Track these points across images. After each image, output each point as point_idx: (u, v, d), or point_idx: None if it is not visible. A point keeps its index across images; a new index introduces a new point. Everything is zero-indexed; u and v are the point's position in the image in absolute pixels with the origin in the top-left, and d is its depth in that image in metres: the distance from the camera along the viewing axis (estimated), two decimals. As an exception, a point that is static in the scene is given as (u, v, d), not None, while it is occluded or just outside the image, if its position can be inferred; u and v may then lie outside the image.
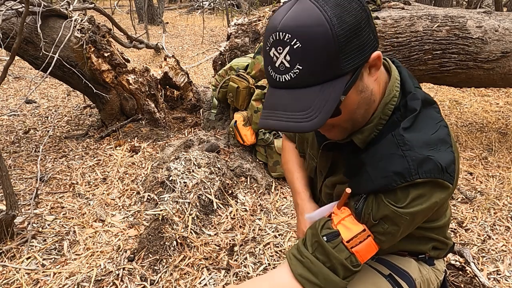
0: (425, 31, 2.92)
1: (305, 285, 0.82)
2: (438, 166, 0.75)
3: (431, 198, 0.77)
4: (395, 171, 0.76)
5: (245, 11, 10.26)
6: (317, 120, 0.69)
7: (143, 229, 2.06)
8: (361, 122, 0.82)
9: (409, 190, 0.76)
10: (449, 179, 0.77)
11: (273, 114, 0.72)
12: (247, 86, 2.77)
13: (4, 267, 1.84)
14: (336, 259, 0.81)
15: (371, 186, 0.79)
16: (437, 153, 0.76)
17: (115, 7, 11.06)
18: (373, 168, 0.79)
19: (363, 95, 0.77)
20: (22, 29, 2.55)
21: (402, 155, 0.76)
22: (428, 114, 0.82)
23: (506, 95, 4.34)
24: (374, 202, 0.80)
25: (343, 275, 0.82)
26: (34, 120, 3.86)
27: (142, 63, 6.15)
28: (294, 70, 0.69)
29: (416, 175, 0.75)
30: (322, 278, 0.82)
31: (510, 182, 2.52)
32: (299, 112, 0.69)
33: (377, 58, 0.74)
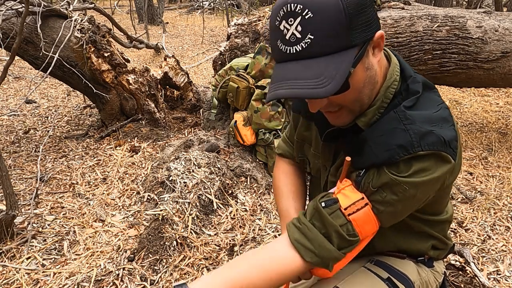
0: (425, 31, 2.92)
1: (300, 250, 0.83)
2: (441, 139, 0.76)
3: (434, 172, 0.77)
4: (397, 144, 0.77)
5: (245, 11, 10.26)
6: (331, 87, 0.70)
7: (143, 229, 2.06)
8: (367, 103, 0.83)
9: (411, 163, 0.77)
10: (452, 154, 0.78)
11: (284, 84, 0.72)
12: (247, 86, 2.77)
13: (4, 267, 1.84)
14: (331, 225, 0.81)
15: (374, 160, 0.80)
16: (439, 129, 0.78)
17: (115, 7, 11.06)
18: (375, 143, 0.80)
19: (369, 73, 0.79)
20: (22, 29, 2.55)
21: (404, 129, 0.78)
22: (429, 97, 0.85)
23: (506, 95, 4.34)
24: (375, 173, 0.80)
25: (337, 243, 0.81)
26: (34, 120, 3.86)
27: (142, 63, 6.15)
28: (305, 40, 0.70)
29: (419, 148, 0.75)
30: (317, 244, 0.82)
31: (510, 182, 2.52)
32: (311, 80, 0.70)
33: (381, 37, 0.77)
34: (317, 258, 0.82)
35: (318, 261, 0.82)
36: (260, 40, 3.21)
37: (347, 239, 0.81)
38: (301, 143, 1.08)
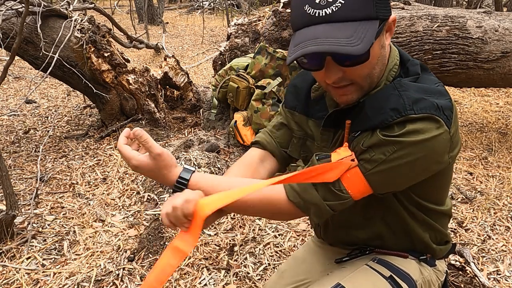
0: (425, 31, 2.92)
1: (286, 189, 0.87)
2: (434, 104, 0.78)
3: (425, 134, 0.77)
4: (391, 107, 0.79)
5: (245, 11, 10.26)
6: (362, 46, 0.73)
7: (143, 229, 2.06)
8: (375, 82, 0.85)
9: (405, 125, 0.78)
10: (446, 120, 0.79)
11: (312, 42, 0.74)
12: (247, 86, 2.77)
13: (4, 267, 1.84)
14: None
15: (368, 123, 0.82)
16: (433, 98, 0.80)
17: (115, 7, 11.06)
18: (371, 108, 0.83)
19: (382, 52, 0.83)
20: (22, 29, 2.55)
21: (398, 95, 0.81)
22: (428, 77, 0.88)
23: (506, 95, 4.34)
24: (368, 134, 0.82)
25: (322, 193, 0.84)
26: (34, 120, 3.86)
27: (142, 63, 6.15)
28: (336, 4, 0.73)
29: (411, 111, 0.78)
30: (302, 187, 0.85)
31: (510, 182, 2.52)
32: (342, 39, 0.73)
33: (394, 21, 0.82)
34: (300, 199, 0.85)
35: (300, 202, 0.85)
36: (260, 40, 3.21)
37: (334, 191, 0.83)
38: (303, 139, 1.06)
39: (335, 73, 0.80)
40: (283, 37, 3.17)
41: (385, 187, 0.85)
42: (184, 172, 0.87)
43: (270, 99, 2.69)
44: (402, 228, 0.97)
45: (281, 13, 3.19)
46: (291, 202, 0.86)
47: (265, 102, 2.68)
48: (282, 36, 3.17)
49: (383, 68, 0.86)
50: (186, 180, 0.86)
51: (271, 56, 2.75)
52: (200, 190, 0.85)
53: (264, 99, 2.69)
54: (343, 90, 0.84)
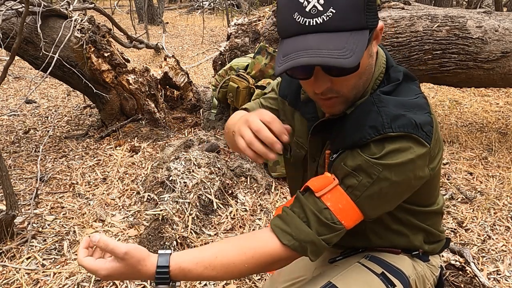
0: (425, 31, 2.92)
1: (278, 234, 0.82)
2: (412, 122, 0.77)
3: (407, 154, 0.77)
4: (369, 124, 0.79)
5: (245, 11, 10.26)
6: (353, 59, 0.71)
7: (143, 229, 2.06)
8: (360, 92, 0.84)
9: (383, 144, 0.77)
10: (425, 138, 0.78)
11: (304, 53, 0.72)
12: (247, 86, 2.77)
13: (4, 267, 1.84)
14: (309, 209, 0.81)
15: (347, 141, 0.81)
16: (412, 114, 0.79)
17: (115, 7, 11.06)
18: (350, 125, 0.82)
19: (370, 61, 0.81)
20: (22, 29, 2.55)
21: (377, 111, 0.80)
22: (409, 87, 0.86)
23: (506, 95, 4.34)
24: (349, 154, 0.81)
25: (316, 228, 0.80)
26: (34, 120, 3.86)
27: (142, 63, 6.15)
28: (327, 13, 0.71)
29: (389, 129, 0.77)
30: (294, 226, 0.81)
31: (510, 182, 2.52)
32: (334, 50, 0.71)
33: (381, 29, 0.80)
34: (294, 241, 0.81)
35: (295, 244, 0.81)
36: (260, 40, 3.21)
37: (327, 223, 0.80)
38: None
39: (324, 83, 0.79)
40: (283, 37, 3.17)
41: (375, 211, 0.84)
42: (161, 259, 0.79)
43: (270, 99, 2.68)
44: (391, 235, 0.97)
45: (281, 13, 3.19)
46: (285, 246, 0.81)
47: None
48: (282, 36, 3.17)
49: (370, 77, 0.85)
50: (167, 268, 0.78)
51: (271, 56, 2.75)
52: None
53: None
54: (330, 102, 0.83)
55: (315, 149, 0.97)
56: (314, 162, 0.98)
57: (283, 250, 0.82)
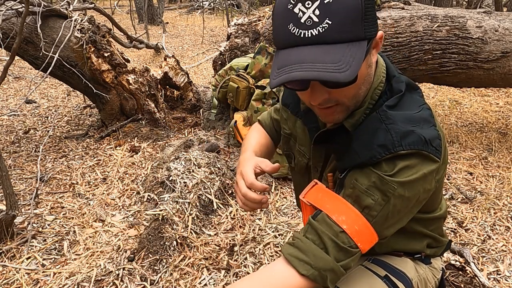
0: (425, 31, 2.92)
1: (294, 263, 0.79)
2: (422, 138, 0.76)
3: (420, 170, 0.76)
4: (379, 143, 0.77)
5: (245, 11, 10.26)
6: (350, 73, 0.68)
7: (143, 229, 2.06)
8: (359, 101, 0.83)
9: (395, 162, 0.76)
10: (435, 153, 0.77)
11: (298, 67, 0.70)
12: (247, 86, 2.77)
13: (4, 267, 1.84)
14: (325, 234, 0.78)
15: (356, 160, 0.79)
16: (420, 129, 0.78)
17: (115, 7, 11.06)
18: (358, 144, 0.80)
19: (369, 71, 0.80)
20: (22, 29, 2.55)
21: (385, 129, 0.78)
22: (412, 98, 0.85)
23: (506, 95, 4.34)
24: (359, 172, 0.79)
25: (334, 254, 0.77)
26: (34, 120, 3.86)
27: (142, 63, 6.15)
28: (322, 24, 0.69)
29: (400, 147, 0.76)
30: (312, 255, 0.78)
31: (510, 182, 2.52)
32: (330, 64, 0.69)
33: (381, 38, 0.78)
34: (313, 270, 0.77)
35: (314, 273, 0.77)
36: (260, 40, 3.21)
37: (345, 248, 0.78)
38: (287, 137, 1.08)
39: (321, 95, 0.77)
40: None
41: (389, 230, 0.83)
42: None
43: (270, 99, 2.69)
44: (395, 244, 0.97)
45: (281, 13, 3.19)
46: (303, 277, 0.78)
47: (265, 102, 2.68)
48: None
49: (369, 86, 0.83)
50: None
51: (271, 56, 2.75)
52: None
53: (264, 99, 2.69)
54: (329, 110, 0.81)
55: (317, 159, 0.97)
56: (317, 172, 0.98)
57: (301, 281, 0.78)
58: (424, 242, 0.99)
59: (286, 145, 1.10)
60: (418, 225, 0.96)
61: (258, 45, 2.93)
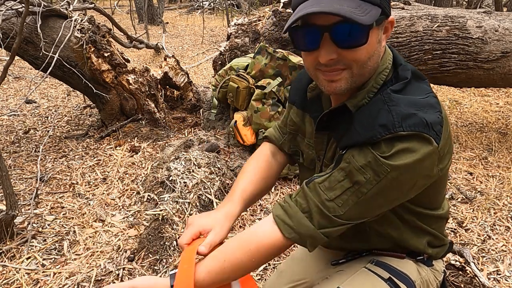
0: (425, 31, 2.92)
1: (280, 225, 0.85)
2: (423, 121, 0.76)
3: (416, 154, 0.76)
4: (380, 123, 0.78)
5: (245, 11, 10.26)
6: (367, 18, 0.73)
7: (143, 229, 2.06)
8: (364, 77, 0.84)
9: (393, 143, 0.77)
10: (435, 137, 0.77)
11: (316, 5, 0.73)
12: (247, 86, 2.77)
13: (4, 267, 1.84)
14: (312, 200, 0.83)
15: (357, 138, 0.80)
16: (423, 113, 0.78)
17: (115, 7, 11.06)
18: (360, 124, 0.81)
19: (378, 48, 0.82)
20: (22, 29, 2.55)
21: (387, 110, 0.79)
22: (419, 86, 0.86)
23: (506, 95, 4.34)
24: (358, 150, 0.80)
25: (318, 221, 0.82)
26: (34, 120, 3.86)
27: (142, 63, 6.15)
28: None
29: (400, 128, 0.76)
30: (296, 220, 0.84)
31: (510, 182, 2.52)
32: (351, 7, 0.72)
33: (391, 22, 0.83)
34: (295, 234, 0.84)
35: (296, 237, 0.84)
36: (260, 40, 3.21)
37: (330, 217, 0.81)
38: (294, 134, 1.09)
39: (330, 53, 0.78)
40: (283, 37, 3.17)
41: (378, 208, 0.84)
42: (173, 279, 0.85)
43: (270, 99, 2.69)
44: (396, 237, 0.97)
45: (281, 13, 3.19)
46: (286, 238, 0.85)
47: (265, 102, 2.68)
48: (282, 36, 3.17)
49: (376, 67, 0.84)
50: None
51: (271, 56, 2.75)
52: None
53: (264, 99, 2.69)
54: (334, 75, 0.82)
55: (319, 147, 0.97)
56: (320, 161, 0.99)
57: (284, 241, 0.85)
58: (425, 239, 0.99)
59: (292, 142, 1.11)
60: (421, 221, 0.95)
61: (258, 45, 2.92)
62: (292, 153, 1.12)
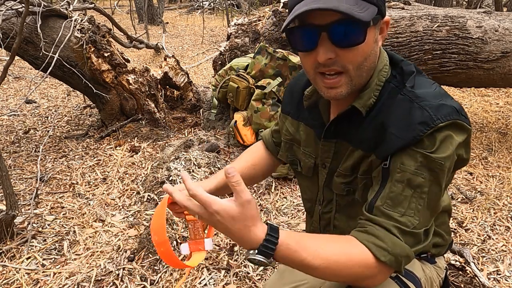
0: (425, 31, 2.92)
1: (372, 248, 0.77)
2: (454, 108, 0.79)
3: (455, 139, 0.78)
4: (418, 121, 0.78)
5: (245, 11, 10.26)
6: (365, 15, 0.73)
7: (143, 229, 2.06)
8: (364, 80, 0.84)
9: (434, 136, 0.77)
10: (466, 121, 0.80)
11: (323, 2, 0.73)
12: (247, 86, 2.77)
13: (4, 267, 1.84)
14: (388, 224, 0.78)
15: (399, 142, 0.79)
16: (447, 102, 0.80)
17: (115, 7, 11.06)
18: (396, 127, 0.80)
19: (375, 48, 0.82)
20: (22, 29, 2.55)
21: (419, 107, 0.80)
22: (422, 79, 0.88)
23: (506, 95, 4.34)
24: (403, 154, 0.79)
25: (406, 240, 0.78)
26: (34, 120, 3.86)
27: (142, 63, 6.15)
28: None
29: (438, 120, 0.77)
30: (389, 241, 0.77)
31: (510, 182, 2.52)
32: (350, 5, 0.73)
33: (387, 23, 0.83)
34: (390, 256, 0.76)
35: (391, 259, 0.76)
36: (260, 40, 3.21)
37: (410, 231, 0.78)
38: (289, 144, 1.09)
39: (328, 53, 0.78)
40: (283, 37, 3.17)
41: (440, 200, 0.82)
42: (272, 229, 0.73)
43: (270, 99, 2.69)
44: None
45: (281, 13, 3.19)
46: (379, 261, 0.76)
47: (265, 102, 2.68)
48: (282, 36, 3.17)
49: (373, 67, 0.85)
50: (276, 239, 0.72)
51: (271, 56, 2.75)
52: None
53: (264, 99, 2.69)
54: (332, 82, 0.81)
55: (326, 155, 0.96)
56: (325, 169, 0.98)
57: (376, 265, 0.76)
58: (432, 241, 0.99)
59: (289, 152, 1.10)
60: None
61: (258, 45, 2.93)
62: (289, 163, 1.12)
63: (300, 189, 1.14)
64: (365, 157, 0.87)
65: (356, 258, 0.76)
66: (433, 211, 0.82)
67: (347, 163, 0.91)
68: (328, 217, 1.03)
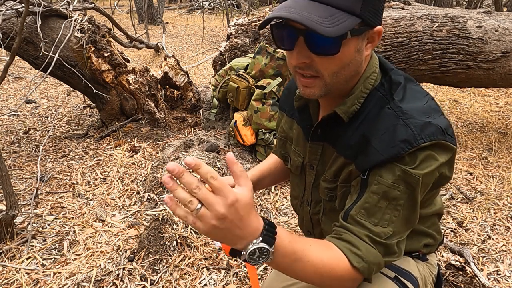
0: (425, 31, 2.92)
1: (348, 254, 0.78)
2: (439, 128, 0.78)
3: (438, 159, 0.79)
4: (401, 139, 0.78)
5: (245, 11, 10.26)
6: (332, 30, 0.72)
7: (143, 229, 2.06)
8: (341, 88, 0.85)
9: (416, 154, 0.78)
10: (451, 140, 0.80)
11: (287, 10, 0.74)
12: (247, 86, 2.77)
13: (4, 267, 1.84)
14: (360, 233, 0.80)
15: (379, 157, 0.80)
16: (434, 119, 0.80)
17: (115, 7, 11.06)
18: (378, 142, 0.81)
19: (357, 58, 0.81)
20: (22, 29, 2.55)
21: (404, 124, 0.79)
22: (414, 88, 0.87)
23: (506, 95, 4.34)
24: (382, 168, 0.80)
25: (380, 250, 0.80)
26: (34, 120, 3.86)
27: (142, 63, 6.15)
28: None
29: (421, 140, 0.77)
30: (364, 248, 0.79)
31: (510, 182, 2.52)
32: (315, 16, 0.72)
33: (378, 32, 0.80)
34: (363, 263, 0.78)
35: (364, 266, 0.78)
36: (260, 40, 3.21)
37: (382, 242, 0.80)
38: (283, 141, 1.12)
39: (302, 57, 0.79)
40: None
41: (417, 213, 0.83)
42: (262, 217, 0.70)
43: (270, 99, 2.69)
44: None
45: (281, 13, 3.19)
46: (353, 268, 0.78)
47: (265, 102, 2.68)
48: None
49: (356, 76, 0.85)
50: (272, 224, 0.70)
51: (271, 56, 2.75)
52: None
53: (264, 99, 2.69)
54: (307, 81, 0.82)
55: (313, 156, 0.98)
56: (313, 170, 0.99)
57: (349, 271, 0.78)
58: (422, 242, 1.00)
59: (283, 148, 1.14)
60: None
61: (258, 45, 2.92)
62: (282, 159, 1.16)
63: (291, 185, 1.17)
64: (347, 165, 0.88)
65: (333, 262, 0.77)
66: (408, 223, 0.83)
67: (332, 169, 0.93)
68: (317, 218, 1.04)
